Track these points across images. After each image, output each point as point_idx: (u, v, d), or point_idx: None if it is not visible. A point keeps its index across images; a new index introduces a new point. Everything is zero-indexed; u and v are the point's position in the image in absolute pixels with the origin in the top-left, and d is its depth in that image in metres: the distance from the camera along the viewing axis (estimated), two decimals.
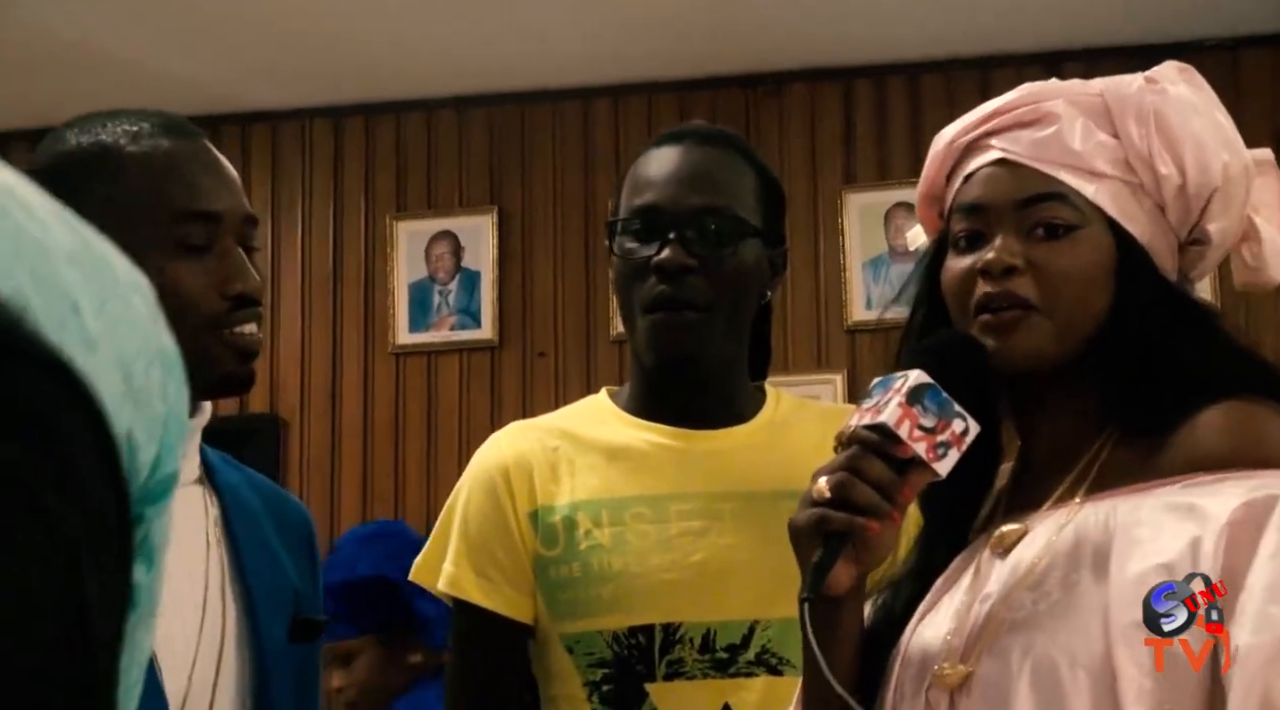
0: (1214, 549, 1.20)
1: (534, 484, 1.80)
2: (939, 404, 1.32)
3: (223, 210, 1.51)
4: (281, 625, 1.55)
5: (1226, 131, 1.43)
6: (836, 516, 1.32)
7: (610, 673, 1.74)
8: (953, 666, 1.31)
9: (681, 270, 1.74)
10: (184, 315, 1.48)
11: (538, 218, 5.10)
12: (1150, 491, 1.28)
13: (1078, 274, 1.37)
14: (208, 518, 1.55)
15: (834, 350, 4.90)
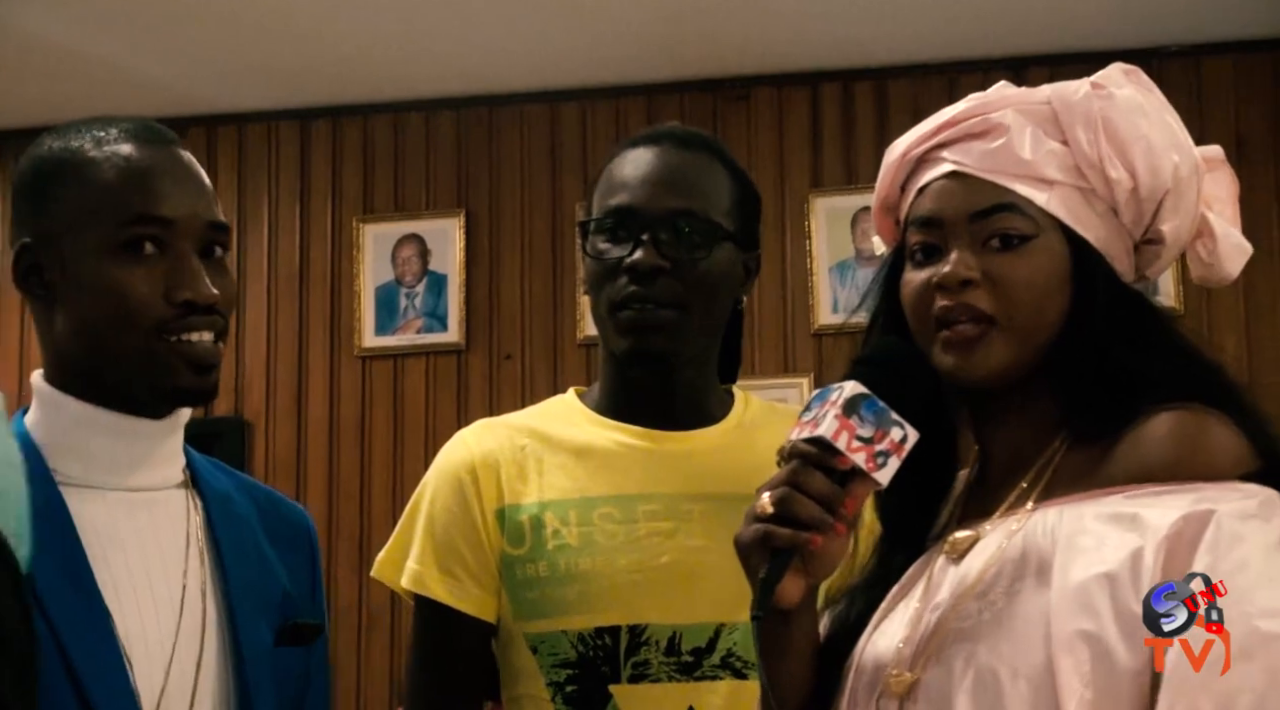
0: (1153, 561, 1.21)
1: (501, 482, 1.79)
2: (875, 413, 1.33)
3: (177, 216, 1.50)
4: (267, 629, 1.54)
5: (1175, 132, 1.43)
6: (780, 532, 1.33)
7: (574, 673, 1.73)
8: (900, 674, 1.32)
9: (653, 271, 1.74)
10: (130, 321, 1.47)
11: (505, 221, 5.10)
12: (1096, 500, 1.29)
13: (1034, 284, 1.37)
14: (189, 521, 1.54)
15: (800, 353, 4.91)
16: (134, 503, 1.51)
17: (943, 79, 4.94)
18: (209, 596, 1.52)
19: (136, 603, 1.46)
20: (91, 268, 1.48)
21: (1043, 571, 1.27)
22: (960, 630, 1.30)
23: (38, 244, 1.51)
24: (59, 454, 1.50)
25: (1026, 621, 1.25)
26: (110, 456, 1.51)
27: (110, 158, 1.50)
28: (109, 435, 1.51)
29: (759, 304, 4.72)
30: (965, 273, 1.37)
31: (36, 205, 1.51)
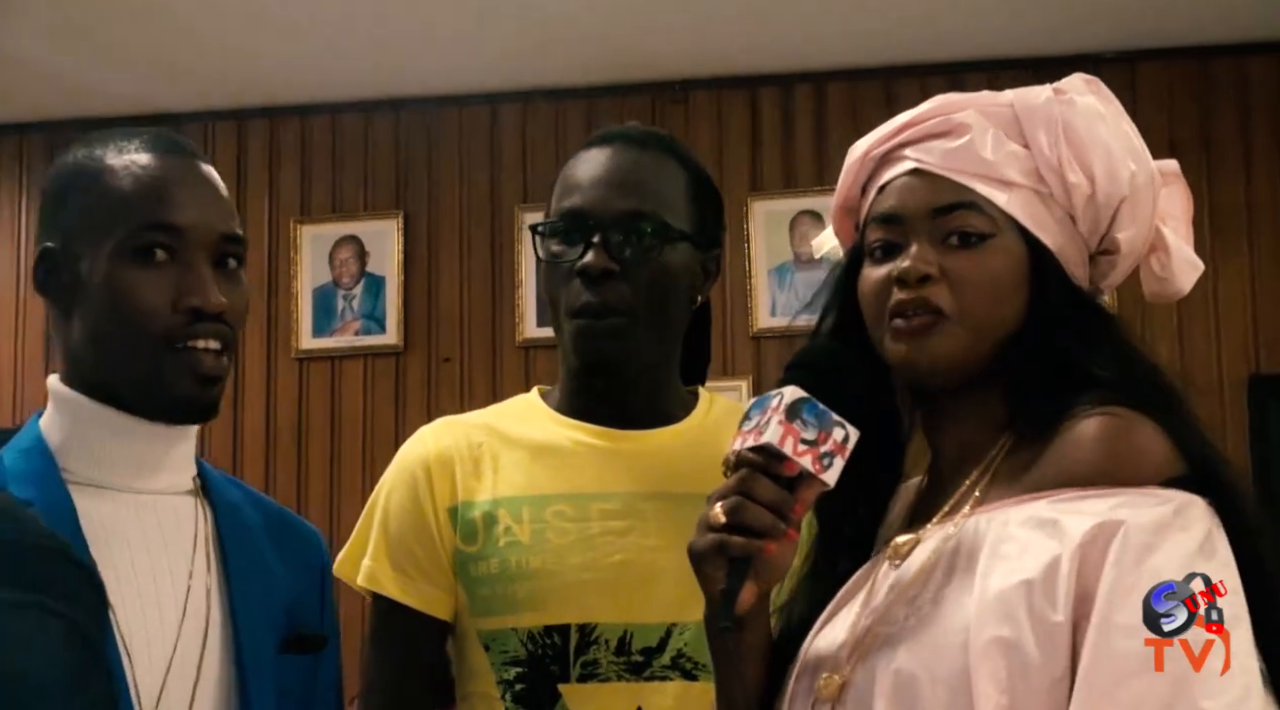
0: (1068, 569, 1.22)
1: (455, 479, 1.78)
2: (817, 415, 1.34)
3: (188, 224, 1.52)
4: (270, 636, 1.55)
5: (1133, 142, 1.44)
6: (734, 541, 1.34)
7: (524, 672, 1.73)
8: (830, 677, 1.33)
9: (604, 274, 1.73)
10: (137, 326, 1.49)
11: (444, 223, 5.08)
12: (1023, 504, 1.30)
13: (990, 282, 1.38)
14: (197, 526, 1.55)
15: (739, 356, 4.92)
16: (142, 504, 1.53)
17: (879, 83, 4.97)
18: (213, 600, 1.53)
19: (139, 601, 1.47)
20: (104, 272, 1.49)
21: (968, 577, 1.28)
22: (887, 635, 1.31)
23: (58, 249, 1.53)
24: (70, 453, 1.51)
25: (948, 627, 1.26)
26: (120, 458, 1.52)
27: (127, 166, 1.52)
28: (120, 437, 1.52)
29: None
30: (924, 268, 1.38)
31: (58, 211, 1.54)
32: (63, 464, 1.50)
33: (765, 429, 1.34)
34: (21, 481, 1.47)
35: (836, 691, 1.32)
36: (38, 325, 5.20)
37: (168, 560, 1.52)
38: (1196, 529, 1.25)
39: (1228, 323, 4.78)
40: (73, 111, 5.19)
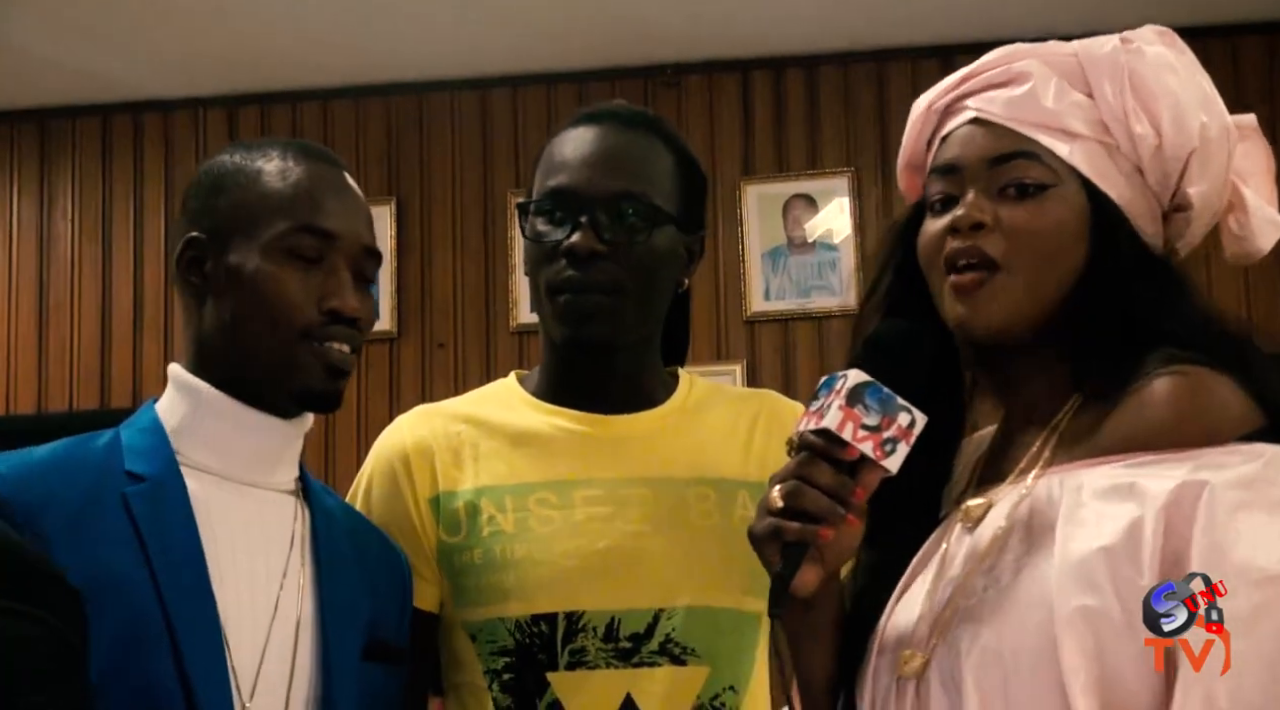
0: (1152, 532, 1.19)
1: (435, 469, 1.77)
2: (880, 401, 1.31)
3: (339, 231, 1.60)
4: (353, 640, 1.59)
5: (1206, 92, 1.40)
6: (790, 526, 1.32)
7: (512, 661, 1.71)
8: (913, 655, 1.31)
9: (591, 255, 1.71)
10: (279, 321, 1.56)
11: (436, 208, 5.07)
12: (1096, 467, 1.27)
13: (1046, 233, 1.35)
14: (295, 525, 1.61)
15: (733, 340, 4.92)
16: (248, 495, 1.58)
17: (871, 66, 4.96)
18: (305, 599, 1.57)
19: (237, 589, 1.52)
20: (253, 265, 1.56)
21: (1045, 545, 1.25)
22: (966, 608, 1.29)
23: (205, 238, 1.59)
24: (185, 438, 1.57)
25: (1029, 599, 1.24)
26: (235, 447, 1.58)
27: (286, 169, 1.60)
28: (237, 427, 1.58)
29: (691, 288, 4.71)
30: (977, 216, 1.36)
31: (210, 203, 1.60)
32: (177, 447, 1.56)
33: (826, 412, 1.32)
34: (139, 457, 1.53)
35: (920, 669, 1.30)
36: (30, 306, 5.19)
37: (266, 554, 1.56)
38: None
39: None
40: (63, 98, 5.19)
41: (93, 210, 5.27)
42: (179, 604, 1.45)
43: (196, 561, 1.49)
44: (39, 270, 5.24)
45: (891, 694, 1.33)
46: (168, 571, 1.46)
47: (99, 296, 5.21)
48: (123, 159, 5.28)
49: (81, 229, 5.26)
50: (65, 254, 5.26)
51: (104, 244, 5.25)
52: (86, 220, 5.27)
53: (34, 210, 5.29)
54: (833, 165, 4.97)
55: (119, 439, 1.56)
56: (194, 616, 1.46)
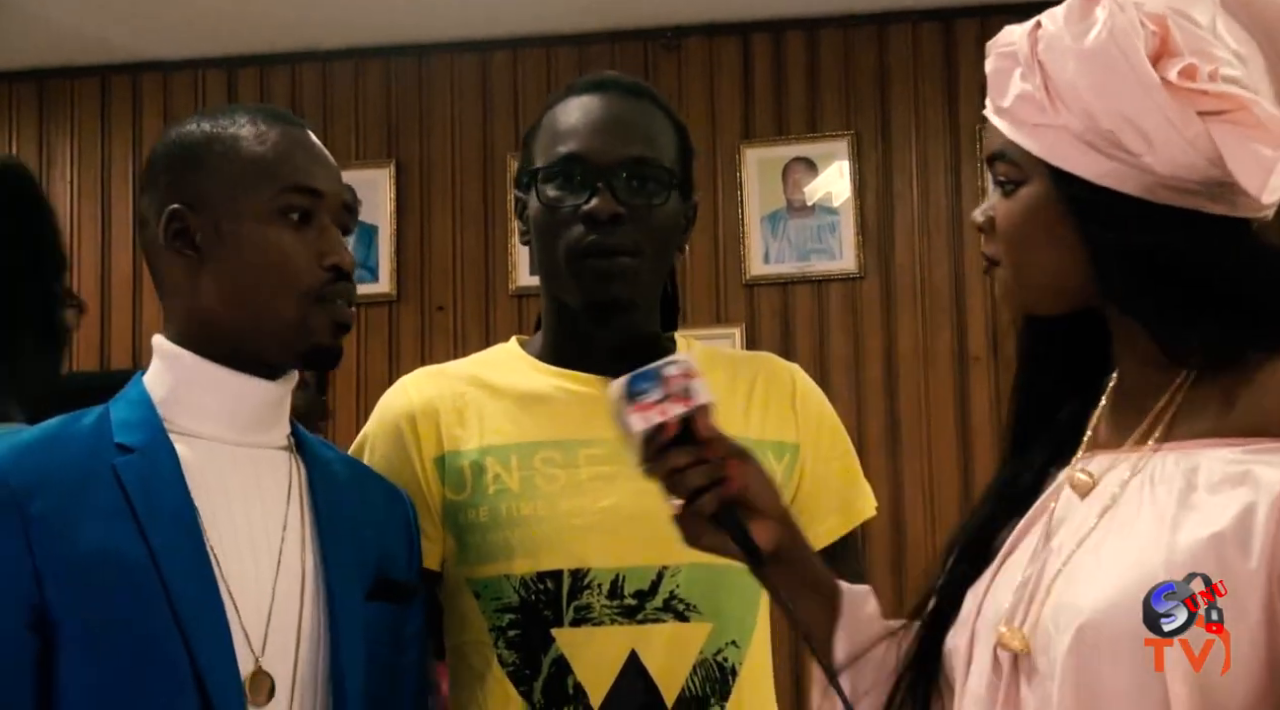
0: (1265, 518, 1.17)
1: (440, 429, 1.79)
2: (644, 378, 1.44)
3: (325, 190, 1.62)
4: (359, 585, 1.62)
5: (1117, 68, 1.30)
6: (704, 502, 1.43)
7: (517, 618, 1.74)
8: (1012, 631, 1.30)
9: (612, 219, 1.74)
10: (288, 283, 1.58)
11: (436, 171, 5.07)
12: (1213, 449, 1.25)
13: (1015, 229, 1.36)
14: (291, 479, 1.63)
15: (732, 304, 4.93)
16: (241, 456, 1.60)
17: (872, 29, 4.95)
18: (307, 551, 1.59)
19: (238, 550, 1.54)
20: (249, 231, 1.58)
21: (1156, 525, 1.23)
22: (1068, 582, 1.28)
23: (189, 209, 1.60)
24: (173, 405, 1.59)
25: (1132, 578, 1.21)
26: (221, 410, 1.60)
27: (262, 133, 1.62)
28: (221, 391, 1.60)
29: (690, 254, 4.71)
30: (977, 218, 1.42)
31: (188, 174, 1.62)
32: (165, 416, 1.58)
33: (630, 425, 1.44)
34: (128, 430, 1.55)
35: (1021, 645, 1.29)
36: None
37: (263, 511, 1.58)
38: None
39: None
40: (61, 59, 5.17)
41: (91, 171, 5.27)
42: (176, 570, 1.47)
43: (191, 527, 1.51)
44: None
45: (989, 664, 1.32)
46: (162, 539, 1.48)
47: (98, 257, 5.21)
48: (121, 120, 5.27)
49: (80, 190, 5.26)
50: (64, 215, 5.25)
51: (102, 205, 5.24)
52: (85, 182, 5.27)
53: (33, 170, 5.28)
54: (833, 129, 4.97)
55: (108, 414, 1.57)
56: (190, 582, 1.48)
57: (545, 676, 1.73)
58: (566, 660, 1.72)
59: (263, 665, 1.51)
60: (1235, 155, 1.25)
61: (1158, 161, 1.27)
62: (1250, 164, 1.25)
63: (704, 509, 1.43)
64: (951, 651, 1.40)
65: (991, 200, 1.40)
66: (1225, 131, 1.26)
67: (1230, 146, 1.25)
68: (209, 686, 1.45)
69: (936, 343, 4.83)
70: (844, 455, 1.92)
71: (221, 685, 1.46)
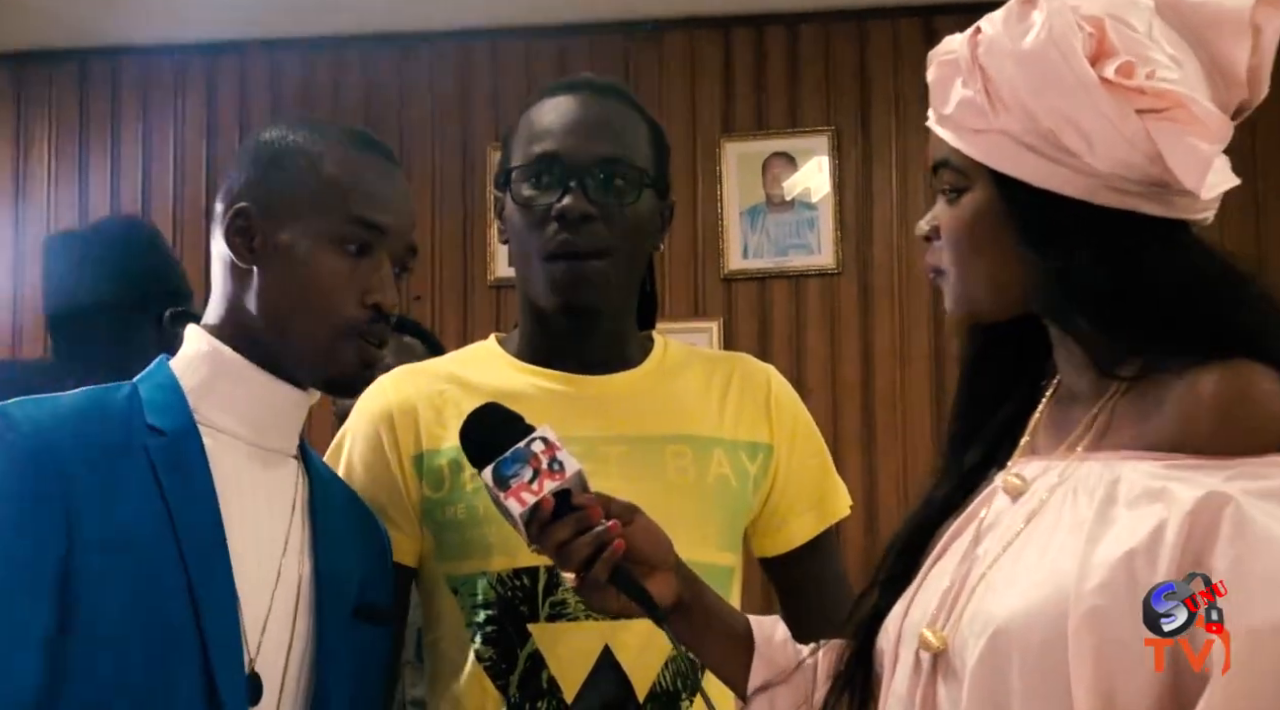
0: (1174, 538, 1.18)
1: (419, 428, 1.80)
2: (512, 462, 1.50)
3: (390, 226, 1.62)
4: (345, 603, 1.63)
5: (1054, 67, 1.30)
6: (596, 572, 1.49)
7: (494, 614, 1.75)
8: (935, 634, 1.32)
9: (582, 218, 1.75)
10: (324, 311, 1.59)
11: (414, 161, 5.06)
12: (1136, 461, 1.26)
13: (960, 236, 1.37)
14: (297, 488, 1.64)
15: (711, 298, 4.93)
16: (258, 459, 1.61)
17: (852, 25, 4.96)
18: (304, 561, 1.61)
19: (246, 549, 1.55)
20: (305, 250, 1.59)
21: (1075, 534, 1.25)
22: (990, 586, 1.30)
23: (257, 211, 1.61)
24: (204, 397, 1.60)
25: (1046, 594, 1.23)
26: (251, 411, 1.61)
27: (348, 159, 1.63)
28: (255, 391, 1.61)
29: (669, 248, 4.68)
30: (923, 227, 1.42)
31: (268, 177, 1.63)
32: (194, 406, 1.59)
33: (509, 510, 1.50)
34: (158, 412, 1.56)
35: (941, 644, 1.31)
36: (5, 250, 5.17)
37: (271, 517, 1.60)
38: None
39: None
40: (40, 43, 5.15)
41: (69, 156, 5.24)
42: (197, 560, 1.48)
43: (214, 519, 1.52)
44: (14, 215, 5.21)
45: (911, 665, 1.35)
46: (187, 527, 1.49)
47: None
48: (99, 105, 5.24)
49: (58, 175, 5.24)
50: (41, 199, 5.23)
51: (80, 190, 5.22)
52: (63, 166, 5.24)
53: (9, 154, 5.26)
54: (812, 124, 4.97)
55: (137, 392, 1.58)
56: (211, 573, 1.49)
57: (521, 671, 1.74)
58: (541, 655, 1.74)
59: (254, 665, 1.52)
60: (1173, 151, 1.26)
61: (1098, 161, 1.28)
62: (1188, 160, 1.27)
63: (598, 577, 1.49)
64: (879, 653, 1.43)
65: (935, 210, 1.41)
66: (1163, 128, 1.27)
67: (1168, 143, 1.27)
68: (218, 680, 1.46)
69: (913, 340, 4.84)
70: (818, 455, 1.94)
71: (229, 680, 1.48)
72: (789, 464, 1.88)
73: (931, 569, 1.40)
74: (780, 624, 1.60)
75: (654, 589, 1.51)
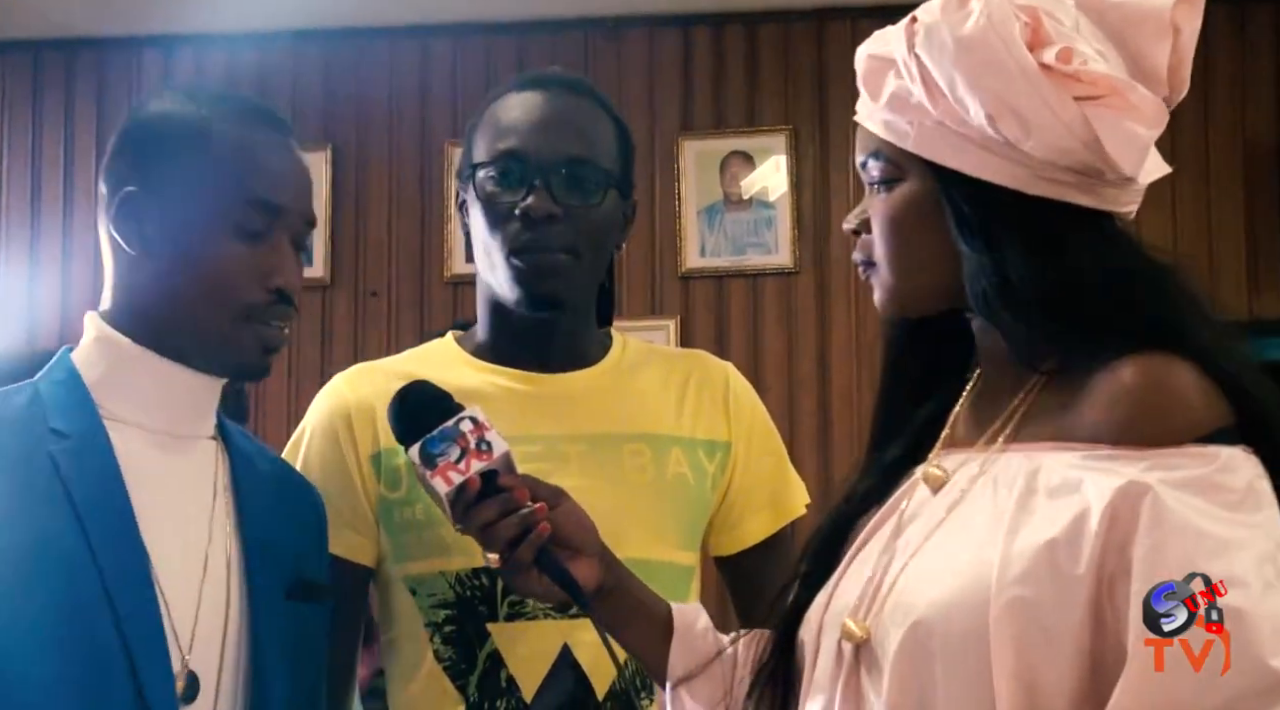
0: (1096, 527, 1.20)
1: (376, 427, 1.78)
2: (440, 441, 1.48)
3: (286, 205, 1.57)
4: (278, 583, 1.59)
5: (996, 53, 1.30)
6: (521, 553, 1.48)
7: (452, 614, 1.74)
8: (858, 624, 1.33)
9: (547, 218, 1.74)
10: (223, 298, 1.54)
11: (372, 156, 5.04)
12: (1056, 453, 1.28)
13: (894, 227, 1.37)
14: (217, 470, 1.60)
15: (668, 296, 4.94)
16: (170, 447, 1.57)
17: (811, 24, 4.97)
18: (231, 545, 1.57)
19: (167, 544, 1.51)
20: (200, 236, 1.54)
21: (995, 525, 1.26)
22: (911, 578, 1.31)
23: (145, 196, 1.55)
24: (106, 391, 1.55)
25: (967, 584, 1.24)
26: (156, 401, 1.56)
27: (237, 135, 1.56)
28: (159, 381, 1.56)
29: (627, 246, 4.67)
30: (851, 222, 1.42)
31: (152, 159, 1.56)
32: (98, 400, 1.54)
33: (435, 489, 1.48)
34: (61, 413, 1.51)
35: (861, 636, 1.32)
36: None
37: (192, 502, 1.56)
38: (1236, 485, 1.22)
39: None
40: None
41: (21, 149, 5.20)
42: (114, 567, 1.45)
43: (128, 522, 1.48)
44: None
45: (833, 655, 1.35)
46: (100, 534, 1.45)
47: (27, 235, 5.14)
48: (54, 97, 5.20)
49: (9, 167, 5.19)
50: None
51: (32, 181, 5.18)
52: (15, 157, 5.19)
53: None
54: (771, 123, 4.98)
55: (38, 393, 1.54)
56: (129, 580, 1.46)
57: (480, 671, 1.73)
58: (500, 654, 1.73)
59: (189, 664, 1.49)
60: (1111, 136, 1.28)
61: (1035, 148, 1.29)
62: (1125, 144, 1.29)
63: (522, 559, 1.48)
64: (800, 644, 1.43)
65: (863, 205, 1.41)
66: (1100, 114, 1.29)
67: (1106, 128, 1.28)
68: (145, 686, 1.43)
69: (869, 338, 4.86)
70: (775, 453, 1.93)
71: (157, 685, 1.44)
72: (746, 461, 1.88)
73: (853, 560, 1.41)
74: (703, 612, 1.59)
75: (578, 573, 1.50)
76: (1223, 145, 4.84)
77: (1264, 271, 4.81)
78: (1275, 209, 4.83)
